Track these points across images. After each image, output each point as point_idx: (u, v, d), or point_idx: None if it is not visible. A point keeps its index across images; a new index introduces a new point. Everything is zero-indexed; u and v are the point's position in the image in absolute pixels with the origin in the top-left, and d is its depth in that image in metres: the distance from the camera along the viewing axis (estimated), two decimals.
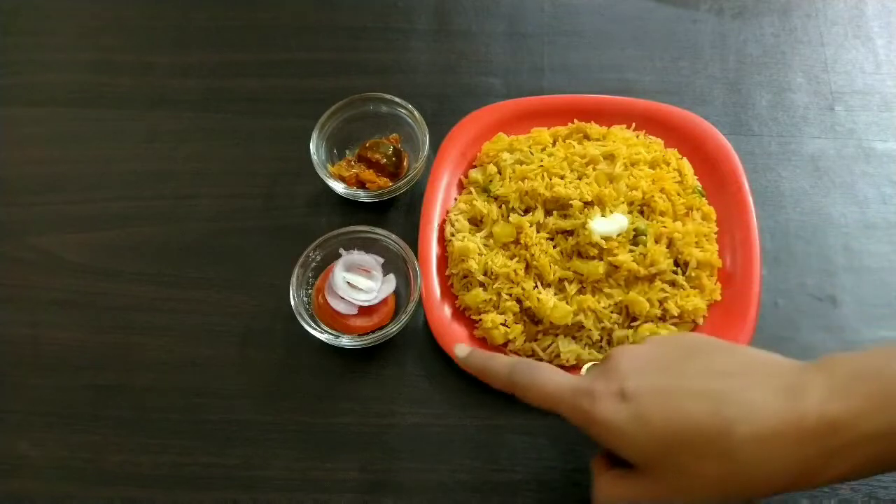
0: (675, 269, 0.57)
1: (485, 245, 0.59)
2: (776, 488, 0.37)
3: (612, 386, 0.39)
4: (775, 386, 0.36)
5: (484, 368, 0.47)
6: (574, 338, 0.56)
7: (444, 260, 0.60)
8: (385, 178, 0.62)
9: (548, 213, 0.58)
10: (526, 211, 0.59)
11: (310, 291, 0.58)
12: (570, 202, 0.57)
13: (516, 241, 0.58)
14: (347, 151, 0.65)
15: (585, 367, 0.53)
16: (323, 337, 0.55)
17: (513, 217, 0.58)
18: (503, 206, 0.59)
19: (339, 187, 0.62)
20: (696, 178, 0.62)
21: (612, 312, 0.55)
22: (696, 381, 0.38)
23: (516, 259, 0.57)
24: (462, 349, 0.49)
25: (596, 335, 0.55)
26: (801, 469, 0.35)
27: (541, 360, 0.56)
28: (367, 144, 0.63)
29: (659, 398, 0.38)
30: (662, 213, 0.58)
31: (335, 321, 0.56)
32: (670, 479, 0.38)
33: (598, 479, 0.43)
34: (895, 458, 0.35)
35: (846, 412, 0.34)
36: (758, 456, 0.35)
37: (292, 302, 0.55)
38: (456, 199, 0.63)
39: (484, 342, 0.57)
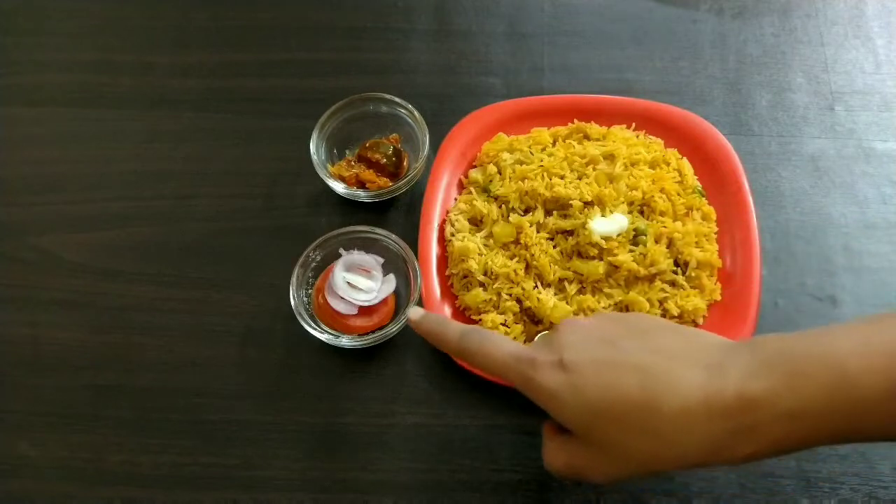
0: (675, 269, 0.57)
1: (485, 245, 0.59)
2: (692, 463, 0.38)
3: (553, 355, 0.40)
4: (703, 363, 0.38)
5: (436, 333, 0.47)
6: None
7: (444, 260, 0.60)
8: (385, 178, 0.62)
9: (548, 213, 0.58)
10: (526, 211, 0.59)
11: (310, 291, 0.58)
12: (570, 202, 0.57)
13: (516, 241, 0.58)
14: (347, 151, 0.65)
15: (537, 337, 0.54)
16: (323, 337, 0.55)
17: (513, 217, 0.58)
18: (503, 206, 0.59)
19: (339, 187, 0.62)
20: (696, 178, 0.62)
21: (612, 312, 0.55)
22: (631, 356, 0.39)
23: (516, 259, 0.57)
24: (416, 311, 0.49)
25: None
26: (716, 445, 0.36)
27: None
28: (367, 144, 0.63)
29: (594, 370, 0.39)
30: (662, 213, 0.58)
31: (335, 321, 0.56)
32: (600, 447, 0.40)
33: (546, 444, 0.45)
34: (806, 437, 0.35)
35: (761, 391, 0.35)
36: (677, 430, 0.37)
37: (292, 302, 0.55)
38: (456, 199, 0.63)
39: None
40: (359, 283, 0.57)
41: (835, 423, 0.35)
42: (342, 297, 0.56)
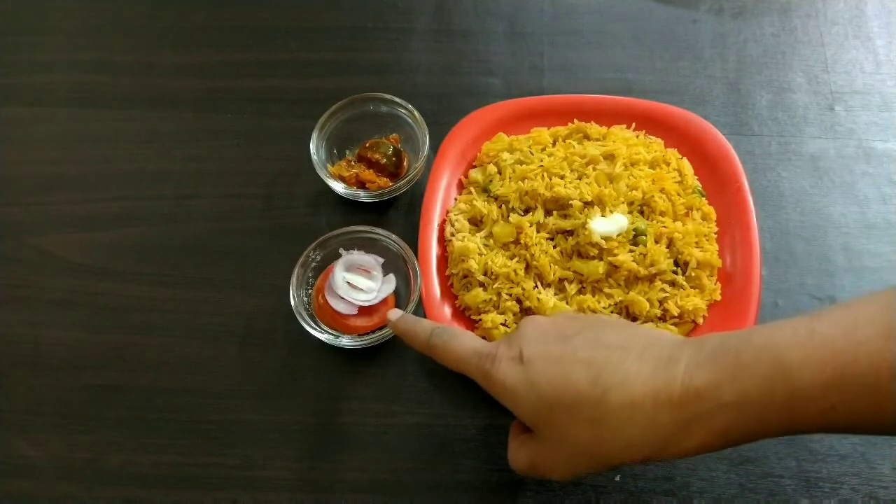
0: (675, 269, 0.57)
1: (485, 245, 0.59)
2: (641, 454, 0.38)
3: (511, 350, 0.42)
4: (652, 357, 0.38)
5: (408, 331, 0.48)
6: None
7: (444, 260, 0.60)
8: (385, 178, 0.62)
9: (548, 213, 0.58)
10: (526, 211, 0.59)
11: (310, 291, 0.58)
12: (570, 202, 0.57)
13: (516, 241, 0.58)
14: (347, 151, 0.65)
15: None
16: (323, 337, 0.55)
17: (513, 217, 0.58)
18: (503, 206, 0.59)
19: (339, 187, 0.62)
20: (696, 178, 0.62)
21: (612, 312, 0.55)
22: (583, 350, 0.40)
23: (516, 259, 0.57)
24: (394, 313, 0.50)
25: None
26: (663, 436, 0.37)
27: None
28: (367, 144, 0.63)
29: (548, 364, 0.40)
30: (662, 213, 0.58)
31: (335, 321, 0.56)
32: (554, 441, 0.41)
33: (510, 443, 0.46)
34: (750, 429, 0.36)
35: (705, 382, 0.36)
36: (624, 421, 0.37)
37: (292, 302, 0.55)
38: (456, 199, 0.63)
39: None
40: (359, 283, 0.57)
41: (776, 415, 0.35)
42: (342, 297, 0.56)
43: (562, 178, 0.59)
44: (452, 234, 0.60)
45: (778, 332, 0.36)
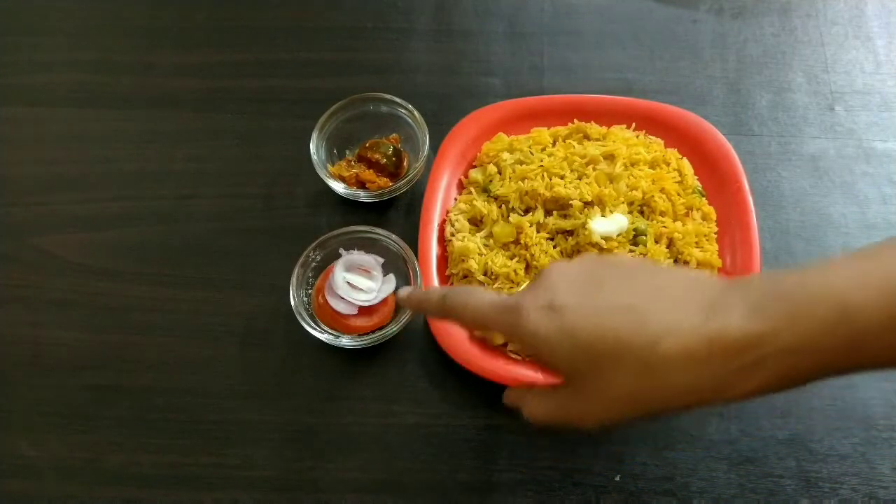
0: None
1: (485, 245, 0.59)
2: (692, 402, 0.37)
3: (540, 299, 0.39)
4: (698, 303, 0.37)
5: (420, 301, 0.47)
6: None
7: (444, 260, 0.60)
8: (385, 178, 0.62)
9: (548, 213, 0.58)
10: (526, 211, 0.59)
11: (310, 291, 0.58)
12: (570, 202, 0.57)
13: (516, 241, 0.58)
14: (347, 151, 0.65)
15: (521, 287, 0.52)
16: (323, 337, 0.55)
17: (513, 217, 0.58)
18: (503, 206, 0.59)
19: (339, 187, 0.62)
20: (696, 178, 0.62)
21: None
22: (622, 297, 0.38)
23: (516, 259, 0.57)
24: (404, 290, 0.49)
25: None
26: (719, 383, 0.36)
27: None
28: (367, 144, 0.63)
29: (586, 311, 0.38)
30: (662, 213, 0.58)
31: (335, 321, 0.56)
32: (590, 391, 0.39)
33: (526, 397, 0.44)
34: (807, 372, 0.36)
35: (761, 329, 0.35)
36: (677, 370, 0.36)
37: (292, 302, 0.55)
38: (456, 199, 0.63)
39: (484, 342, 0.57)
40: (359, 283, 0.57)
41: (836, 357, 0.35)
42: (342, 297, 0.56)
43: (562, 178, 0.59)
44: (452, 234, 0.60)
45: (833, 274, 0.35)
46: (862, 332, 0.34)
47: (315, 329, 0.55)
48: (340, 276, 0.56)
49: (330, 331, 0.56)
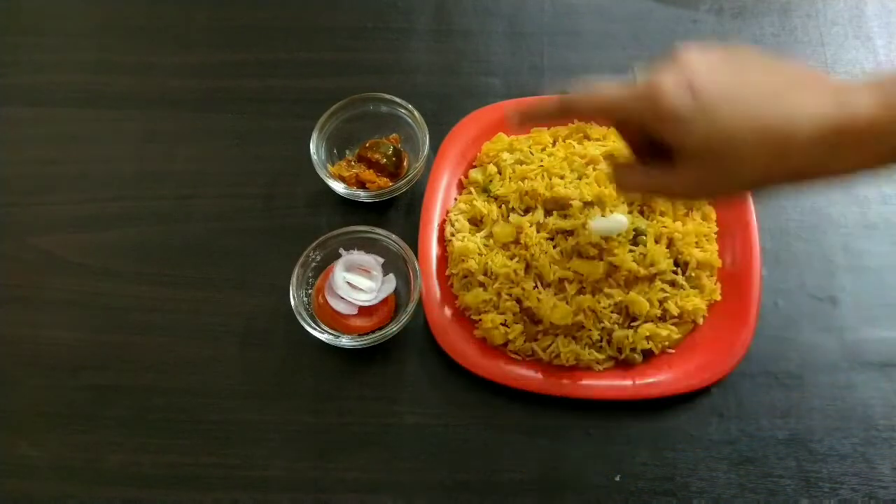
0: (675, 269, 0.57)
1: (485, 245, 0.59)
2: (813, 180, 0.40)
3: (680, 79, 0.40)
4: (832, 92, 0.39)
5: (533, 107, 0.47)
6: (574, 338, 0.56)
7: (444, 260, 0.60)
8: (385, 178, 0.62)
9: (548, 213, 0.58)
10: (526, 211, 0.59)
11: (310, 291, 0.58)
12: (570, 202, 0.57)
13: (516, 241, 0.58)
14: (347, 151, 0.65)
15: (636, 69, 0.51)
16: (323, 337, 0.55)
17: (513, 217, 0.58)
18: (503, 206, 0.59)
19: (339, 187, 0.62)
20: None
21: (612, 312, 0.55)
22: (762, 83, 0.40)
23: (516, 259, 0.57)
24: (510, 113, 0.48)
25: (596, 335, 0.55)
26: (840, 164, 0.39)
27: (541, 360, 0.56)
28: (367, 144, 0.63)
29: (727, 94, 0.39)
30: (662, 213, 0.58)
31: (335, 321, 0.56)
32: (719, 167, 0.40)
33: (621, 170, 0.46)
34: None
35: (887, 116, 0.37)
36: (809, 154, 0.38)
37: (292, 302, 0.55)
38: (456, 199, 0.63)
39: (484, 342, 0.57)
40: (359, 283, 0.57)
41: None
42: (342, 297, 0.56)
43: (562, 178, 0.59)
44: (452, 234, 0.60)
45: None
46: None
47: (315, 329, 0.55)
48: (340, 276, 0.56)
49: (330, 331, 0.56)
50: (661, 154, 0.42)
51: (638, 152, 0.46)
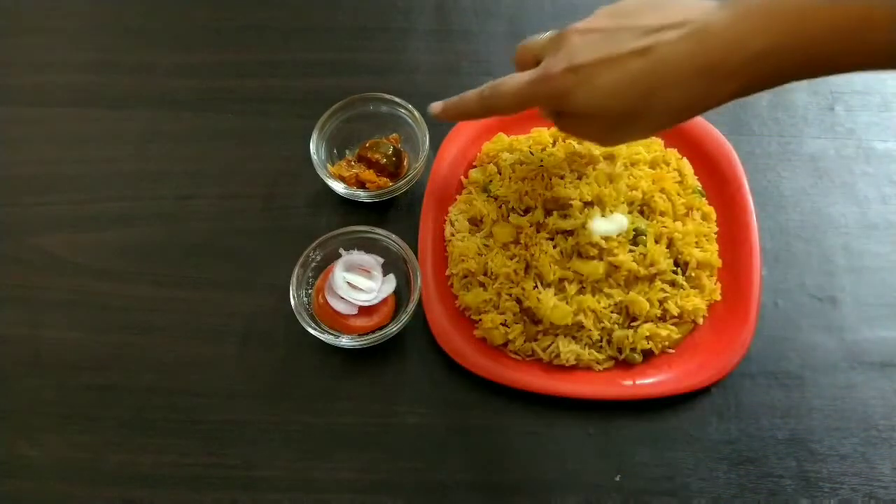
0: (675, 269, 0.57)
1: (485, 245, 0.59)
2: (682, 118, 0.46)
3: (562, 63, 0.46)
4: (688, 28, 0.43)
5: (458, 108, 0.53)
6: (574, 338, 0.56)
7: (444, 260, 0.60)
8: (385, 178, 0.62)
9: (548, 213, 0.58)
10: (526, 211, 0.59)
11: (310, 291, 0.58)
12: (570, 202, 0.57)
13: (516, 241, 0.58)
14: (347, 151, 0.65)
15: (546, 41, 0.52)
16: (323, 337, 0.55)
17: (513, 217, 0.58)
18: (503, 206, 0.59)
19: (339, 187, 0.62)
20: (696, 178, 0.62)
21: (612, 312, 0.55)
22: (631, 41, 0.44)
23: (516, 259, 0.57)
24: (436, 106, 0.54)
25: (596, 335, 0.55)
26: (704, 94, 0.43)
27: (541, 360, 0.56)
28: (367, 144, 0.63)
29: (601, 60, 0.45)
30: (662, 213, 0.58)
31: (335, 321, 0.56)
32: (609, 122, 0.46)
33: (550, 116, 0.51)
34: (776, 74, 0.42)
35: (734, 40, 0.41)
36: (685, 86, 0.43)
37: (292, 302, 0.55)
38: (456, 199, 0.63)
39: (484, 342, 0.57)
40: (359, 283, 0.57)
41: (796, 59, 0.41)
42: (342, 297, 0.56)
43: (562, 178, 0.59)
44: (452, 234, 0.60)
45: None
46: (813, 39, 0.39)
47: (315, 329, 0.55)
48: (340, 276, 0.56)
49: (330, 331, 0.56)
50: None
51: (555, 117, 0.51)
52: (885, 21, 0.37)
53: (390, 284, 0.58)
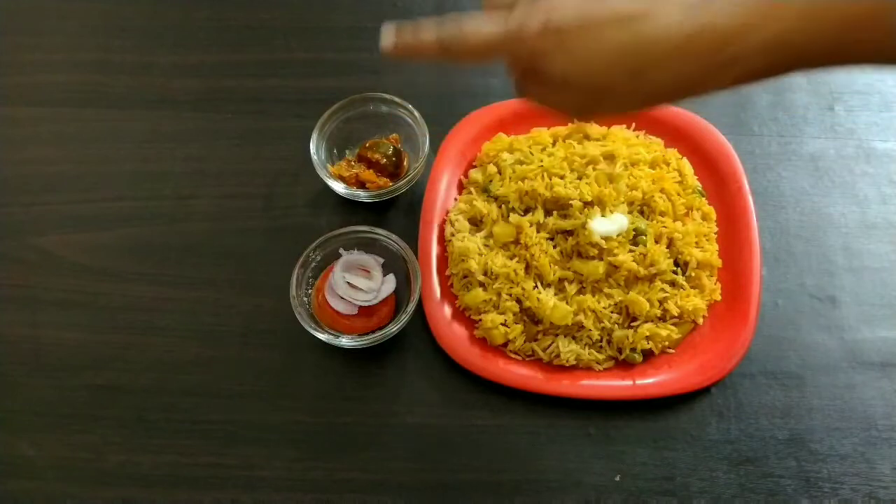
0: (675, 269, 0.57)
1: (485, 245, 0.59)
2: (669, 101, 0.43)
3: (538, 20, 0.40)
4: (683, 5, 0.39)
5: (411, 46, 0.46)
6: (574, 338, 0.56)
7: (444, 260, 0.60)
8: (385, 178, 0.62)
9: (548, 213, 0.58)
10: (526, 211, 0.59)
11: (310, 291, 0.58)
12: (570, 202, 0.57)
13: (516, 241, 0.58)
14: (347, 151, 0.65)
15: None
16: (323, 337, 0.55)
17: (513, 217, 0.58)
18: (503, 206, 0.59)
19: (339, 187, 0.62)
20: (696, 178, 0.62)
21: (612, 312, 0.55)
22: (615, 5, 0.40)
23: (516, 259, 0.57)
24: (387, 41, 0.47)
25: (596, 335, 0.55)
26: (699, 80, 0.40)
27: (540, 360, 0.56)
28: (367, 144, 0.63)
29: (582, 28, 0.40)
30: (662, 213, 0.58)
31: (335, 321, 0.56)
32: (586, 94, 0.42)
33: (521, 84, 0.45)
34: (780, 66, 0.39)
35: (737, 27, 0.38)
36: (665, 70, 0.39)
37: (292, 302, 0.55)
38: (456, 199, 0.63)
39: (484, 342, 0.57)
40: (359, 283, 0.57)
41: (801, 52, 0.38)
42: (342, 297, 0.56)
43: (562, 178, 0.59)
44: (452, 234, 0.60)
45: None
46: (822, 30, 0.37)
47: (315, 329, 0.55)
48: (340, 276, 0.56)
49: (330, 331, 0.56)
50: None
51: (522, 77, 0.45)
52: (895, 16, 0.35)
53: (390, 284, 0.58)
